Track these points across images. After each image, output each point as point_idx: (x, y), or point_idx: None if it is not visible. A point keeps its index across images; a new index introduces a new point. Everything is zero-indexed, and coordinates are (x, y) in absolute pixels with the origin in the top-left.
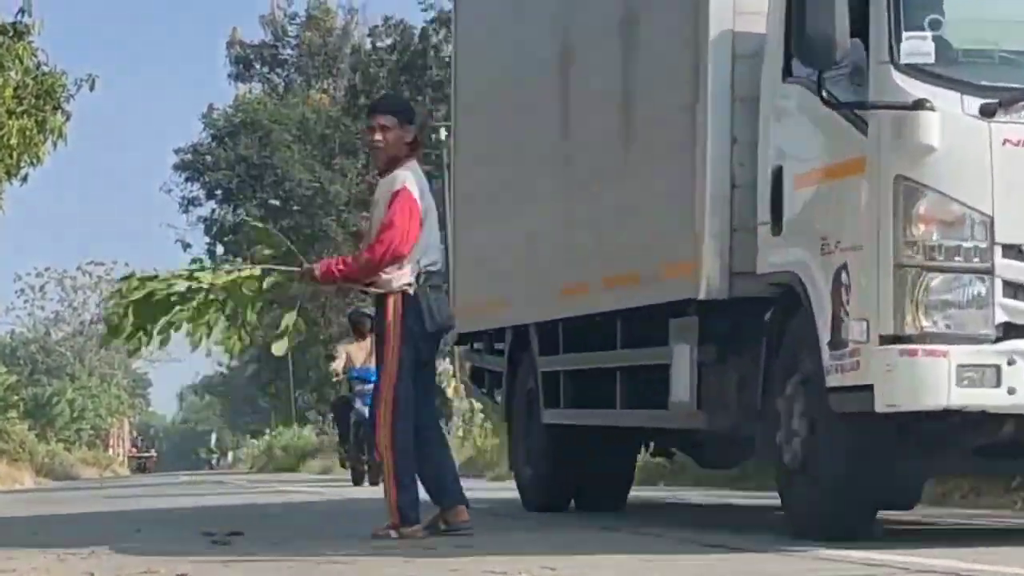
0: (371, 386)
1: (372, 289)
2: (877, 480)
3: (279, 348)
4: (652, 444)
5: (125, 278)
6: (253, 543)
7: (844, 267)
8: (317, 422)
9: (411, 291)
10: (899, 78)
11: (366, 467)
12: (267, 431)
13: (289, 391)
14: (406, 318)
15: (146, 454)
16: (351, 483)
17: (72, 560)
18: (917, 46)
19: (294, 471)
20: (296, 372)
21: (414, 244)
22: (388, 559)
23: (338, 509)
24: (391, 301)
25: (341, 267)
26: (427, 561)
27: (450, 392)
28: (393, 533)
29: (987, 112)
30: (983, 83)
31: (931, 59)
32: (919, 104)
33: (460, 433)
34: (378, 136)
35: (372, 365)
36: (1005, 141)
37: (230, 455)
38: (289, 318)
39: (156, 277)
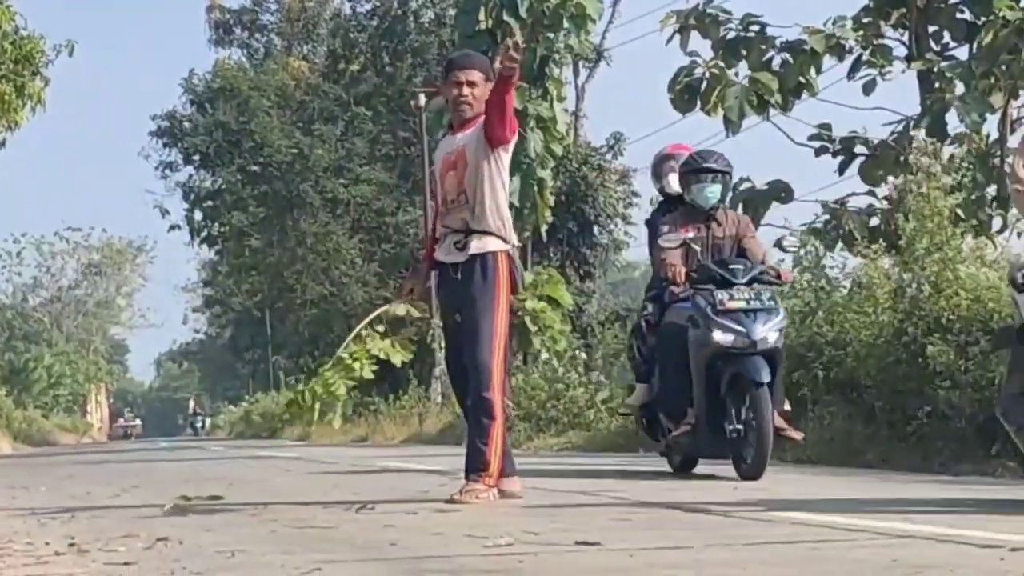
0: None
1: (473, 249)
2: None
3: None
4: None
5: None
6: (233, 508)
7: None
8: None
9: (512, 252)
10: None
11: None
12: (245, 397)
13: (267, 357)
14: (509, 277)
15: (131, 423)
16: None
17: (52, 524)
18: None
19: (273, 437)
20: (274, 338)
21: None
22: (369, 523)
23: (316, 474)
24: (500, 258)
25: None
26: (409, 524)
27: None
28: (492, 493)
29: None
30: None
31: None
32: None
33: (440, 399)
34: (466, 91)
35: None
36: None
37: (207, 421)
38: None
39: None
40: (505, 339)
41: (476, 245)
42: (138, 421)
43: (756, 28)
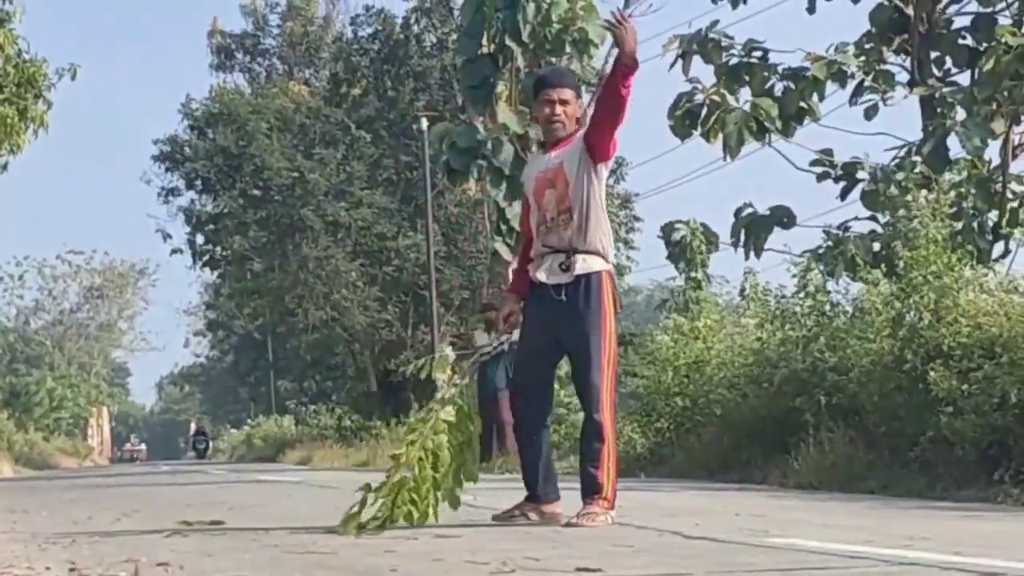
0: None
1: (579, 269)
2: None
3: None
4: None
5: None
6: (233, 533)
7: None
8: (297, 412)
9: (613, 272)
10: None
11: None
12: (247, 420)
13: (269, 381)
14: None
15: (137, 448)
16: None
17: (53, 549)
18: None
19: (274, 460)
20: (276, 362)
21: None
22: (370, 548)
23: (318, 499)
24: (604, 278)
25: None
26: (410, 550)
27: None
28: (609, 516)
29: None
30: None
31: None
32: None
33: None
34: (559, 110)
35: None
36: None
37: (211, 443)
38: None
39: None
40: (615, 361)
41: (582, 266)
42: (143, 446)
43: (759, 54)
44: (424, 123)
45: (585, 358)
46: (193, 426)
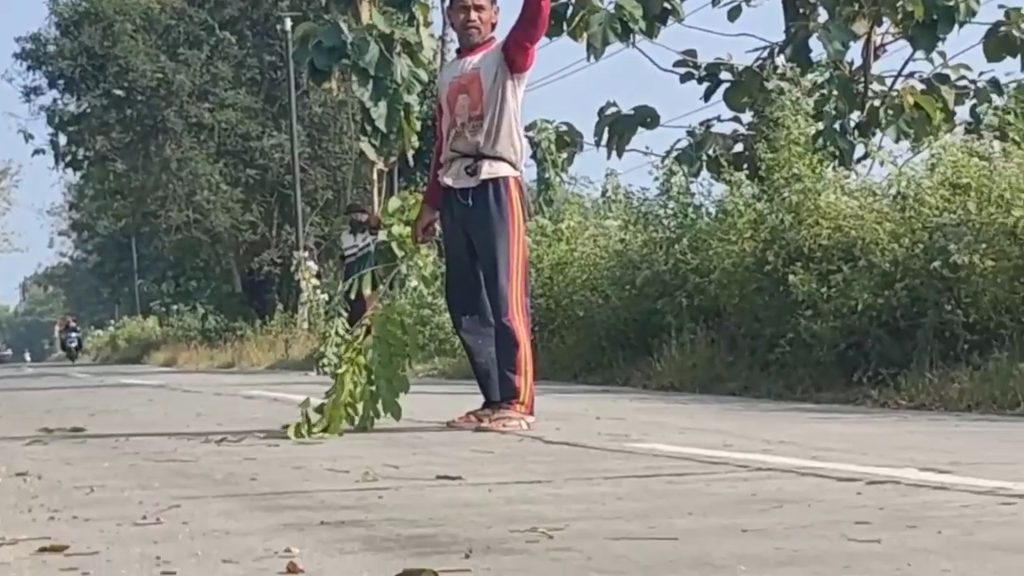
0: None
1: (485, 174)
2: None
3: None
4: None
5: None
6: (94, 440)
7: None
8: (161, 313)
9: (522, 179)
10: None
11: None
12: (111, 322)
13: (133, 282)
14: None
15: (4, 352)
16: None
17: None
18: None
19: (138, 362)
20: (140, 262)
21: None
22: (230, 456)
23: (180, 404)
24: (512, 184)
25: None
26: (270, 457)
27: (304, 284)
28: (524, 421)
29: None
30: None
31: None
32: None
33: (306, 325)
34: (474, 16)
35: None
36: None
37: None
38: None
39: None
40: (523, 265)
41: (488, 170)
42: (9, 351)
43: None
44: (288, 23)
45: (492, 263)
46: (58, 326)
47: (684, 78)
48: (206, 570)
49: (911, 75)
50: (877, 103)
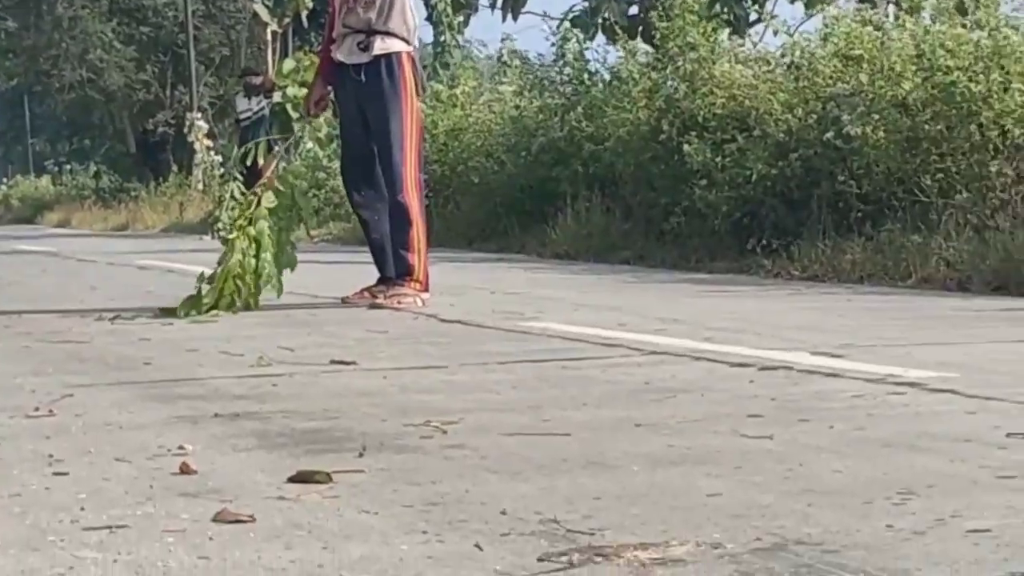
0: None
1: (377, 50)
2: None
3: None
4: None
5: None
6: None
7: None
8: (54, 173)
9: (415, 54)
10: None
11: None
12: (4, 181)
13: (26, 140)
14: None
15: None
16: None
17: None
18: None
19: (32, 222)
20: (33, 121)
21: None
22: (123, 336)
23: (73, 274)
24: (404, 59)
25: None
26: (164, 338)
27: (197, 145)
28: (419, 298)
29: None
30: None
31: None
32: None
33: (201, 187)
34: None
35: None
36: None
37: None
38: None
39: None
40: (417, 141)
41: (380, 46)
42: None
43: None
44: None
45: (386, 139)
46: None
47: None
48: (99, 469)
49: None
50: None
